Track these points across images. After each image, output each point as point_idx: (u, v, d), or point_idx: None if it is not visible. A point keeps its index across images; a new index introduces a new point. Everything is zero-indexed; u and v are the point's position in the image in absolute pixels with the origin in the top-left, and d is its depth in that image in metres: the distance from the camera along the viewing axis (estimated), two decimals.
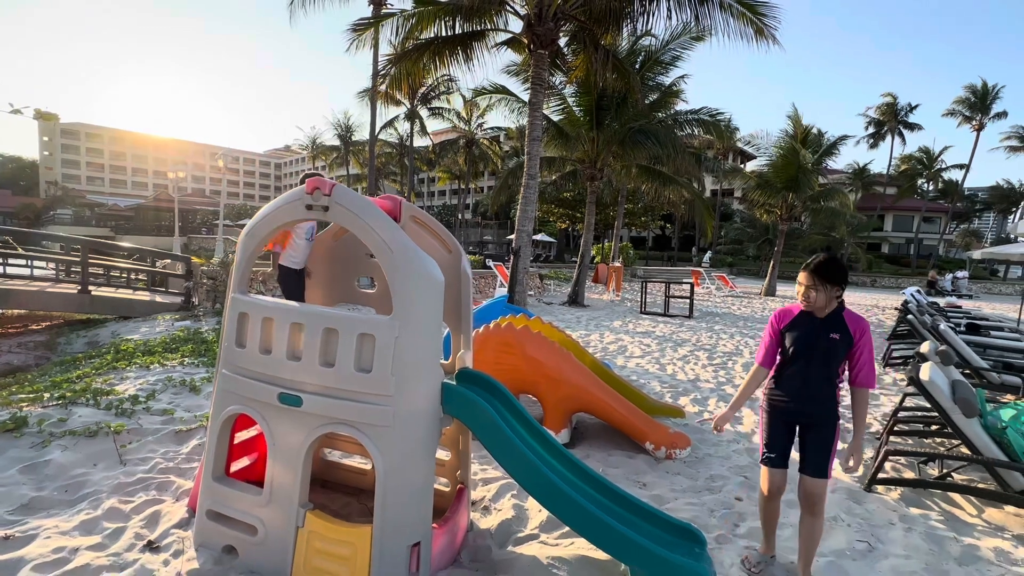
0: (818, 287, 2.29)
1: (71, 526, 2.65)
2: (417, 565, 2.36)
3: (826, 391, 2.34)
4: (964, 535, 2.92)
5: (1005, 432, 3.19)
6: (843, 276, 2.31)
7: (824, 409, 2.35)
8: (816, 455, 2.35)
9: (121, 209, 53.89)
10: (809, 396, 2.35)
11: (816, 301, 2.31)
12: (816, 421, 2.37)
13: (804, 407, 2.37)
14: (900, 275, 35.23)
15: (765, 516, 2.57)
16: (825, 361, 2.31)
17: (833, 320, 2.31)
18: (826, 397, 2.34)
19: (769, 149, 20.22)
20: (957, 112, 37.88)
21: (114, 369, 5.20)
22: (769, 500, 2.51)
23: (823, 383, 2.33)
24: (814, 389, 2.34)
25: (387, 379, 2.23)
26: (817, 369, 2.32)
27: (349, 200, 2.36)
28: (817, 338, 2.31)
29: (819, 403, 2.35)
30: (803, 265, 2.37)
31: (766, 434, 2.48)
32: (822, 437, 2.35)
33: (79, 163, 78.99)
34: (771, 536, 2.60)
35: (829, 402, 2.35)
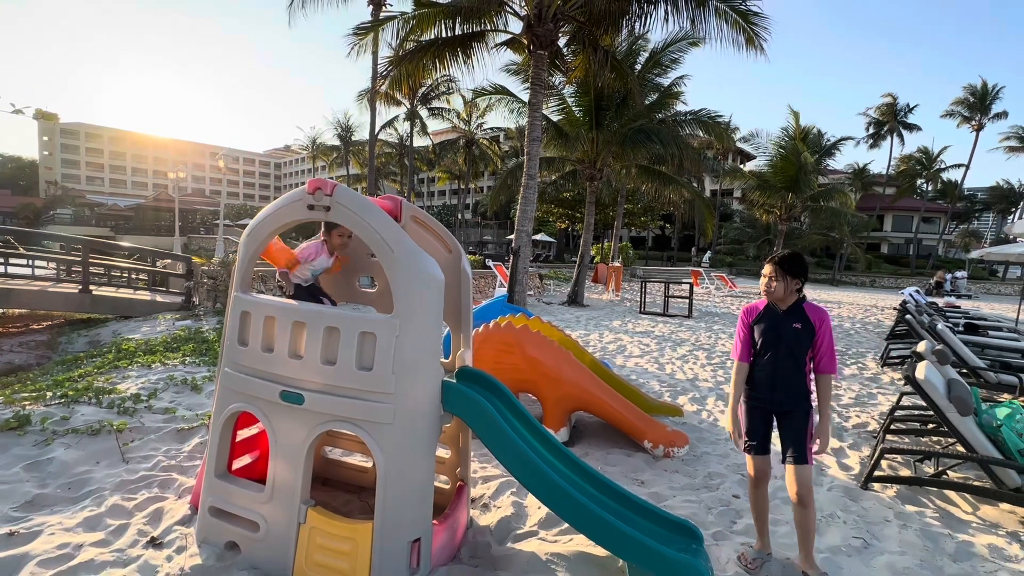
0: (779, 278, 2.46)
1: (75, 523, 2.67)
2: (418, 561, 2.39)
3: (795, 379, 2.46)
4: (959, 532, 2.95)
5: (1000, 430, 3.22)
6: (803, 270, 2.48)
7: (794, 397, 2.47)
8: (794, 443, 2.46)
9: (121, 209, 53.86)
10: (779, 384, 2.47)
11: (776, 291, 2.46)
12: (788, 408, 2.48)
13: (775, 395, 2.49)
14: (899, 275, 35.27)
15: (756, 506, 2.64)
16: (791, 350, 2.45)
17: (794, 311, 2.47)
18: (796, 385, 2.46)
19: (769, 149, 20.25)
20: (956, 113, 37.93)
21: (116, 368, 5.23)
22: (756, 486, 2.60)
23: (791, 372, 2.46)
24: (783, 378, 2.46)
25: (388, 377, 2.26)
26: (784, 359, 2.46)
27: (350, 200, 2.39)
28: (782, 328, 2.46)
29: (789, 391, 2.47)
30: (768, 258, 2.53)
31: (746, 424, 2.59)
32: (796, 425, 2.47)
33: (79, 163, 78.98)
34: (765, 531, 2.64)
35: (799, 390, 2.46)
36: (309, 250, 2.99)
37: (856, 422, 4.93)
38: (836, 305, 17.83)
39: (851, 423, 4.90)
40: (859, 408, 5.42)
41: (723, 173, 26.17)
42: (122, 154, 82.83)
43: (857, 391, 6.12)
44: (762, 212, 21.27)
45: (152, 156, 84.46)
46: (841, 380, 6.66)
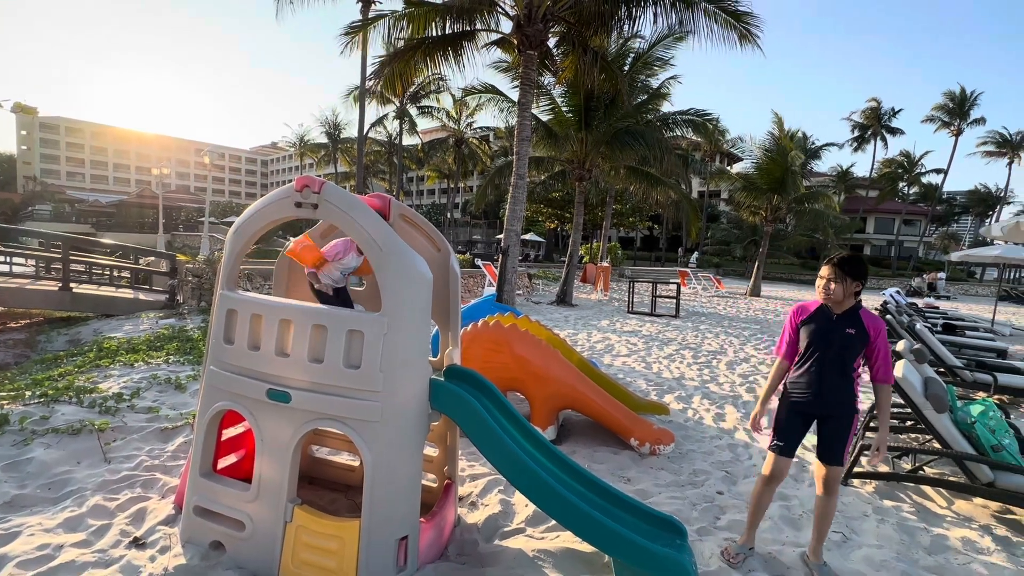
0: (839, 279, 2.37)
1: (55, 523, 2.63)
2: (405, 558, 2.39)
3: (842, 384, 2.41)
4: (934, 526, 3.04)
5: (973, 427, 3.31)
6: (864, 271, 2.39)
7: (840, 401, 2.42)
8: (833, 444, 2.45)
9: (103, 205, 52.74)
10: (825, 389, 2.41)
11: (835, 293, 2.38)
12: (832, 412, 2.44)
13: (820, 399, 2.43)
14: (881, 276, 35.93)
15: (757, 502, 2.64)
16: (840, 355, 2.38)
17: (850, 316, 2.39)
18: (842, 390, 2.41)
19: (754, 152, 20.51)
20: (936, 118, 38.77)
21: (97, 367, 5.14)
22: (767, 484, 2.58)
23: (838, 376, 2.40)
24: (829, 382, 2.41)
25: (376, 375, 2.26)
26: (832, 363, 2.40)
27: (338, 198, 2.38)
28: (832, 332, 2.39)
29: (834, 395, 2.41)
30: (826, 259, 2.45)
31: (780, 423, 2.55)
32: (839, 428, 2.44)
33: (59, 158, 77.21)
34: (754, 527, 2.69)
35: (845, 394, 2.42)
36: (337, 247, 2.75)
37: None
38: None
39: None
40: None
41: (710, 175, 26.45)
42: (104, 149, 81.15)
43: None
44: (748, 213, 21.53)
45: (135, 152, 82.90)
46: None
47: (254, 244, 2.77)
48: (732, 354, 8.14)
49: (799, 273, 37.71)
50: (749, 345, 9.04)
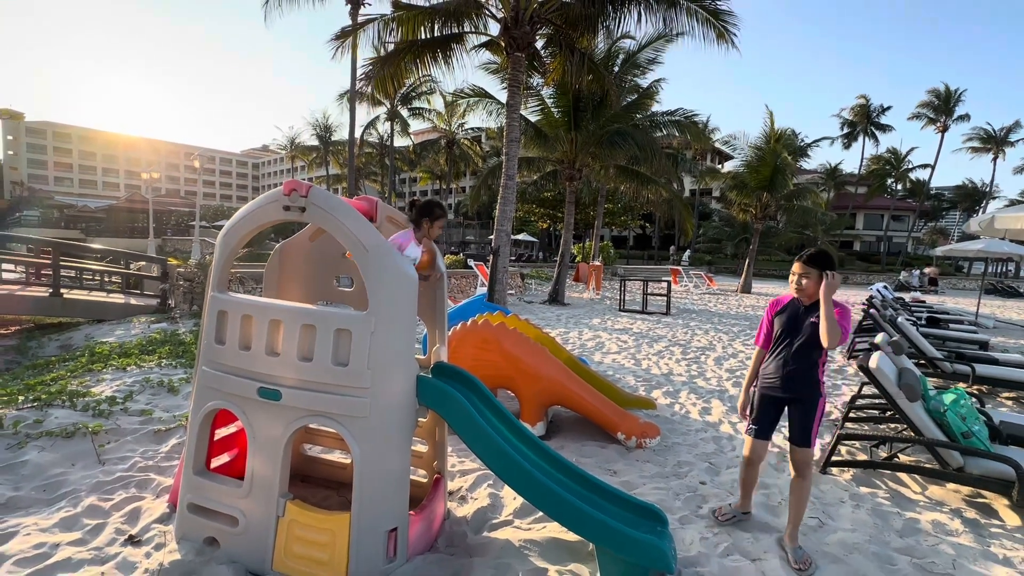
0: (809, 274, 2.56)
1: (51, 523, 2.68)
2: (394, 550, 2.47)
3: (808, 370, 2.58)
4: (907, 510, 3.15)
5: (945, 415, 3.43)
6: (831, 263, 2.56)
7: (806, 386, 2.59)
8: (801, 427, 2.62)
9: (92, 210, 52.24)
10: (792, 374, 2.59)
11: (807, 288, 2.57)
12: (799, 397, 2.62)
13: (787, 384, 2.61)
14: (871, 271, 36.38)
15: (744, 480, 2.90)
16: (808, 342, 2.54)
17: (816, 306, 2.53)
18: (808, 375, 2.58)
19: (745, 150, 20.73)
20: (922, 115, 39.28)
21: (90, 371, 5.16)
22: (749, 467, 2.83)
23: (805, 362, 2.57)
24: (796, 367, 2.58)
25: (364, 372, 2.34)
26: (799, 349, 2.57)
27: (325, 201, 2.45)
28: (801, 321, 2.58)
29: (801, 381, 2.59)
30: (797, 256, 2.65)
31: (755, 408, 2.75)
32: (805, 411, 2.61)
33: (46, 163, 76.42)
34: (748, 496, 2.91)
35: (811, 380, 2.59)
36: (397, 240, 2.69)
37: None
38: None
39: None
40: None
41: (701, 174, 26.67)
42: (92, 154, 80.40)
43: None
44: (738, 211, 21.75)
45: (124, 156, 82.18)
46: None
47: (244, 247, 2.84)
48: (720, 350, 8.27)
49: (789, 270, 38.03)
50: (738, 341, 9.18)
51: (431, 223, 2.82)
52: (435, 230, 2.83)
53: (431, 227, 2.82)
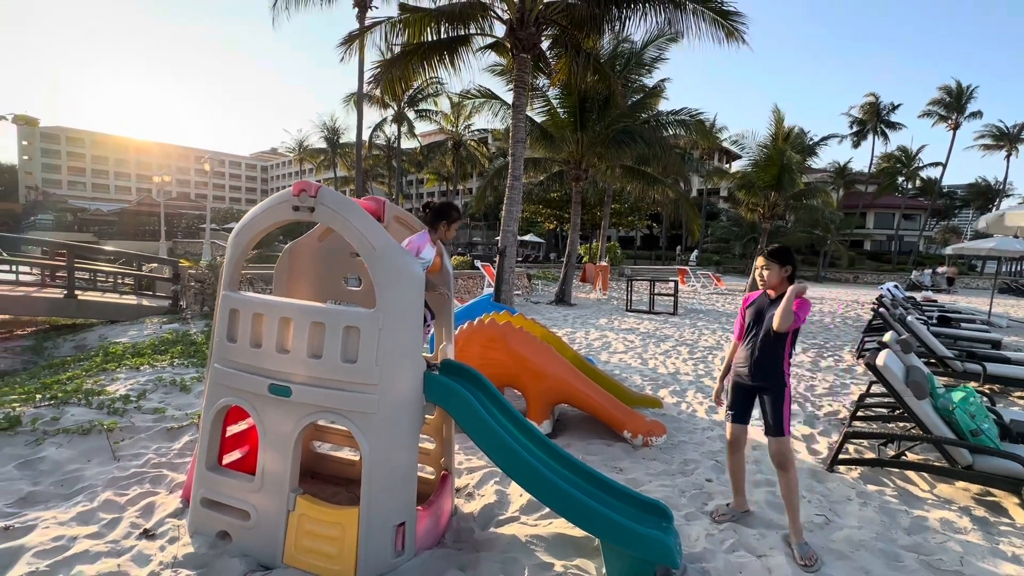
0: (770, 267, 2.76)
1: (68, 517, 2.75)
2: (402, 544, 2.51)
3: (773, 358, 2.73)
4: (915, 508, 3.14)
5: (954, 413, 3.41)
6: (790, 257, 2.77)
7: (771, 375, 2.74)
8: (772, 417, 2.74)
9: (104, 214, 52.99)
10: (758, 362, 2.76)
11: (770, 279, 2.76)
12: (765, 384, 2.76)
13: (755, 372, 2.77)
14: (882, 271, 35.96)
15: (732, 470, 3.01)
16: (777, 334, 2.67)
17: (777, 301, 2.72)
18: (773, 363, 2.73)
19: (753, 149, 20.61)
20: (933, 112, 38.77)
21: (104, 371, 5.26)
22: (733, 451, 2.97)
23: (771, 351, 2.73)
24: (761, 356, 2.75)
25: (372, 369, 2.38)
26: (764, 340, 2.74)
27: (334, 201, 2.50)
28: (765, 313, 2.76)
29: (767, 369, 2.74)
30: (759, 253, 2.68)
31: (731, 396, 2.95)
32: (773, 400, 2.74)
33: (60, 167, 77.63)
34: (740, 491, 3.00)
35: (776, 368, 2.73)
36: (414, 244, 2.69)
37: (828, 411, 5.14)
38: (819, 301, 18.21)
39: (823, 412, 5.10)
40: (831, 397, 5.63)
41: (708, 173, 26.54)
42: (104, 158, 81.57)
43: (832, 382, 6.34)
44: (746, 211, 21.62)
45: (135, 160, 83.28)
46: (816, 372, 6.88)
47: (253, 249, 2.89)
48: (728, 349, 8.23)
49: (799, 270, 37.68)
50: None
51: (448, 226, 2.83)
52: (451, 232, 2.84)
53: (448, 229, 2.83)
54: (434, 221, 2.82)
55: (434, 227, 2.82)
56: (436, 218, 2.81)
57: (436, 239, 2.81)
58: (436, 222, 2.81)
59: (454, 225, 2.85)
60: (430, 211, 2.84)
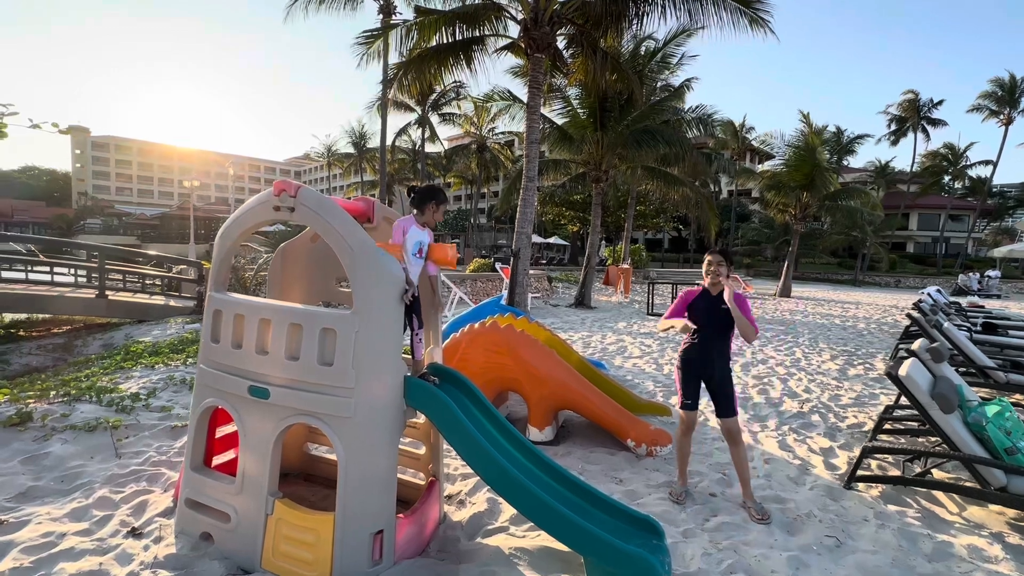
0: (723, 264, 3.12)
1: (62, 513, 2.80)
2: (380, 553, 2.44)
3: (722, 350, 3.14)
4: (939, 532, 2.88)
5: (986, 428, 3.12)
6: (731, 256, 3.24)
7: (721, 364, 3.13)
8: (724, 401, 3.14)
9: (147, 218, 55.65)
10: (709, 354, 3.12)
11: (723, 274, 3.12)
12: (717, 375, 3.13)
13: (706, 363, 3.12)
14: (926, 275, 34.15)
15: (681, 451, 3.33)
16: (720, 327, 3.10)
17: (721, 296, 3.09)
18: (722, 355, 3.14)
19: (783, 149, 19.92)
20: (983, 107, 36.64)
21: (121, 369, 5.43)
22: (685, 435, 3.30)
23: (719, 344, 3.13)
24: (712, 348, 3.12)
25: (348, 372, 2.33)
26: (714, 332, 3.11)
27: (313, 201, 2.46)
28: (713, 309, 3.10)
29: (717, 359, 3.12)
30: (709, 251, 3.18)
31: (682, 386, 3.24)
32: (722, 384, 3.13)
33: (109, 174, 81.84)
34: (685, 472, 3.33)
35: (724, 358, 3.15)
36: (398, 227, 2.54)
37: (852, 422, 4.83)
38: (854, 306, 17.38)
39: (847, 423, 4.80)
40: (857, 408, 5.30)
41: (736, 173, 25.81)
42: (150, 165, 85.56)
43: (859, 391, 5.98)
44: (776, 212, 20.89)
45: (178, 167, 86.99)
46: (843, 380, 6.52)
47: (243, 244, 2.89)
48: (749, 355, 7.91)
49: (836, 272, 36.20)
50: (770, 347, 8.76)
51: (436, 207, 2.66)
52: (439, 215, 2.68)
53: (436, 211, 2.66)
54: (420, 204, 2.65)
55: (421, 210, 2.65)
56: (423, 200, 2.64)
57: (424, 222, 2.65)
58: (423, 204, 2.64)
59: (442, 207, 2.69)
60: (416, 194, 2.68)
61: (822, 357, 7.99)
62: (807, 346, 8.95)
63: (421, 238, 2.61)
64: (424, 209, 2.66)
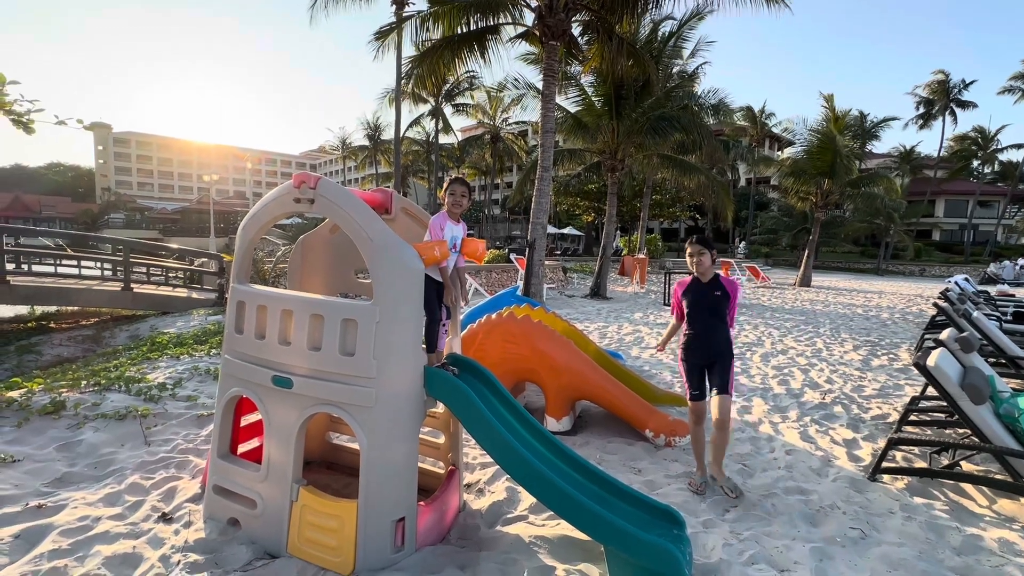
0: (703, 253, 3.16)
1: (96, 498, 2.90)
2: (402, 539, 2.48)
3: (720, 333, 3.16)
4: (968, 525, 2.81)
5: (1019, 420, 3.04)
6: (713, 244, 3.28)
7: (721, 347, 3.15)
8: (720, 379, 3.11)
9: (168, 213, 56.81)
10: (709, 340, 3.16)
11: (704, 263, 3.17)
12: (717, 357, 3.16)
13: (706, 349, 3.16)
14: (952, 263, 33.19)
15: (696, 442, 3.29)
16: (714, 312, 3.17)
17: (714, 282, 3.20)
18: (721, 338, 3.16)
19: (804, 135, 19.46)
20: (1016, 88, 35.19)
21: (148, 359, 5.57)
22: (697, 424, 3.28)
23: (717, 328, 3.16)
24: (711, 334, 3.16)
25: (369, 362, 2.35)
26: (710, 319, 3.17)
27: (333, 193, 2.48)
28: (706, 297, 3.18)
29: (717, 343, 3.15)
30: (688, 241, 3.22)
31: (687, 377, 3.25)
32: (723, 368, 3.13)
33: (130, 170, 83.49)
34: (703, 462, 3.26)
35: (724, 343, 3.16)
36: (434, 231, 2.58)
37: (876, 413, 4.74)
38: (877, 295, 16.99)
39: (870, 415, 4.71)
40: (881, 399, 5.19)
41: (755, 160, 25.30)
42: (169, 160, 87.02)
43: (883, 382, 5.86)
44: (796, 200, 20.44)
45: (197, 161, 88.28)
46: (867, 371, 6.39)
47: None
48: (769, 346, 7.80)
49: (857, 261, 35.39)
50: (790, 337, 8.63)
51: (446, 196, 2.67)
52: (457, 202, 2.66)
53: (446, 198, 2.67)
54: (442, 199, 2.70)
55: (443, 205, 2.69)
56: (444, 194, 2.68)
57: (453, 216, 2.65)
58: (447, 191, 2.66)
59: (448, 189, 2.66)
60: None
61: (844, 347, 7.84)
62: (829, 336, 8.79)
63: (455, 233, 2.68)
64: (445, 193, 2.69)
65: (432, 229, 2.61)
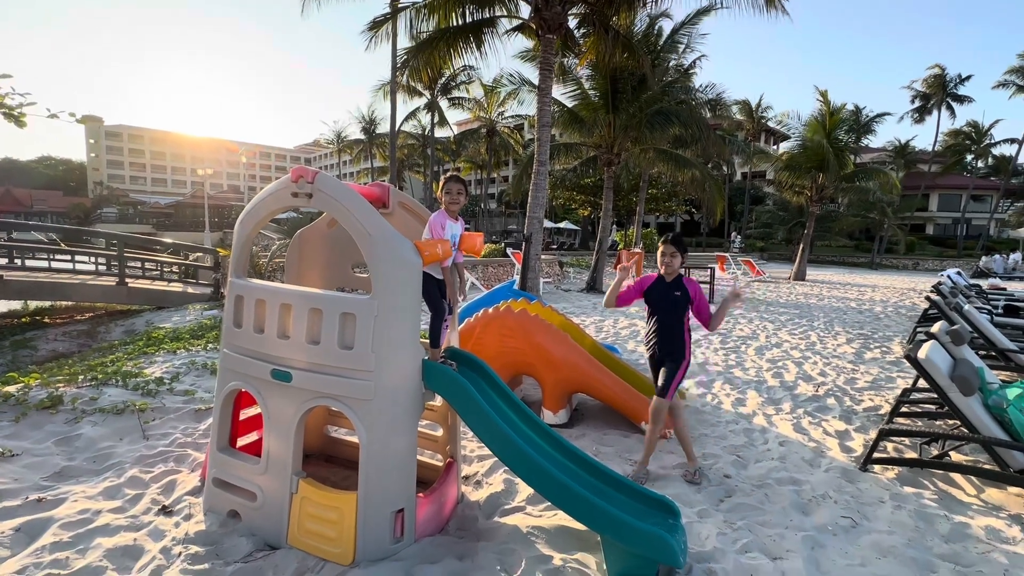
0: (676, 255, 3.22)
1: (96, 491, 2.91)
2: (402, 530, 2.51)
3: (677, 334, 3.22)
4: (957, 514, 2.88)
5: (1007, 411, 3.09)
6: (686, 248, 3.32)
7: (671, 348, 3.22)
8: (664, 380, 3.19)
9: (162, 207, 56.29)
10: (661, 339, 3.26)
11: (674, 264, 3.23)
12: (666, 357, 3.23)
13: (662, 347, 3.25)
14: (945, 257, 33.45)
15: (679, 435, 3.40)
16: (674, 312, 3.22)
17: (676, 282, 3.24)
18: (676, 339, 3.22)
19: (799, 129, 19.49)
20: (1010, 83, 35.32)
21: (144, 354, 5.57)
22: (676, 419, 3.37)
23: (674, 328, 3.23)
24: (664, 333, 3.25)
25: (368, 355, 2.37)
26: (669, 318, 3.24)
27: (331, 187, 2.48)
28: (666, 297, 3.24)
29: (672, 343, 3.22)
30: (663, 240, 3.27)
31: (653, 374, 3.33)
32: (672, 369, 3.20)
33: (123, 163, 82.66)
34: (692, 452, 3.36)
35: (678, 343, 3.22)
36: (436, 230, 2.59)
37: (868, 405, 4.80)
38: (870, 289, 17.12)
39: (862, 406, 4.78)
40: (873, 392, 5.26)
41: (750, 154, 25.34)
42: (162, 154, 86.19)
43: (875, 375, 5.94)
44: (791, 194, 20.52)
45: (190, 155, 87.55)
46: (859, 364, 6.46)
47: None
48: (764, 339, 7.87)
49: (852, 255, 35.58)
50: (784, 330, 8.70)
51: (442, 195, 2.69)
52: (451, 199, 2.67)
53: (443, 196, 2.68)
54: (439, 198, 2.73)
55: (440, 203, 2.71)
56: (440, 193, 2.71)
57: (452, 214, 2.66)
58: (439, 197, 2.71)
59: (445, 188, 2.68)
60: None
61: (838, 340, 7.92)
62: (822, 329, 8.87)
63: (455, 230, 2.70)
64: (441, 192, 2.70)
65: (433, 228, 2.62)
